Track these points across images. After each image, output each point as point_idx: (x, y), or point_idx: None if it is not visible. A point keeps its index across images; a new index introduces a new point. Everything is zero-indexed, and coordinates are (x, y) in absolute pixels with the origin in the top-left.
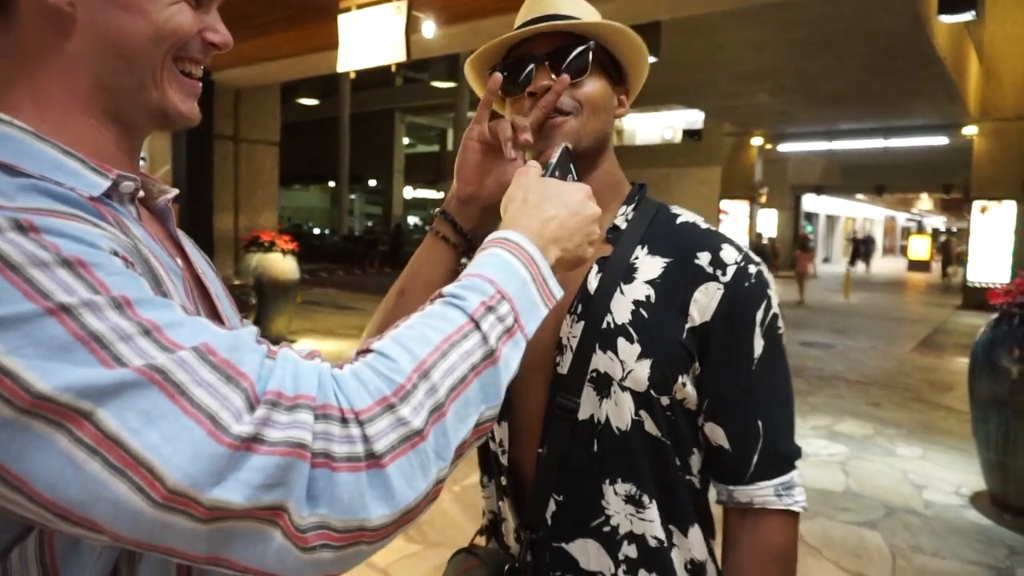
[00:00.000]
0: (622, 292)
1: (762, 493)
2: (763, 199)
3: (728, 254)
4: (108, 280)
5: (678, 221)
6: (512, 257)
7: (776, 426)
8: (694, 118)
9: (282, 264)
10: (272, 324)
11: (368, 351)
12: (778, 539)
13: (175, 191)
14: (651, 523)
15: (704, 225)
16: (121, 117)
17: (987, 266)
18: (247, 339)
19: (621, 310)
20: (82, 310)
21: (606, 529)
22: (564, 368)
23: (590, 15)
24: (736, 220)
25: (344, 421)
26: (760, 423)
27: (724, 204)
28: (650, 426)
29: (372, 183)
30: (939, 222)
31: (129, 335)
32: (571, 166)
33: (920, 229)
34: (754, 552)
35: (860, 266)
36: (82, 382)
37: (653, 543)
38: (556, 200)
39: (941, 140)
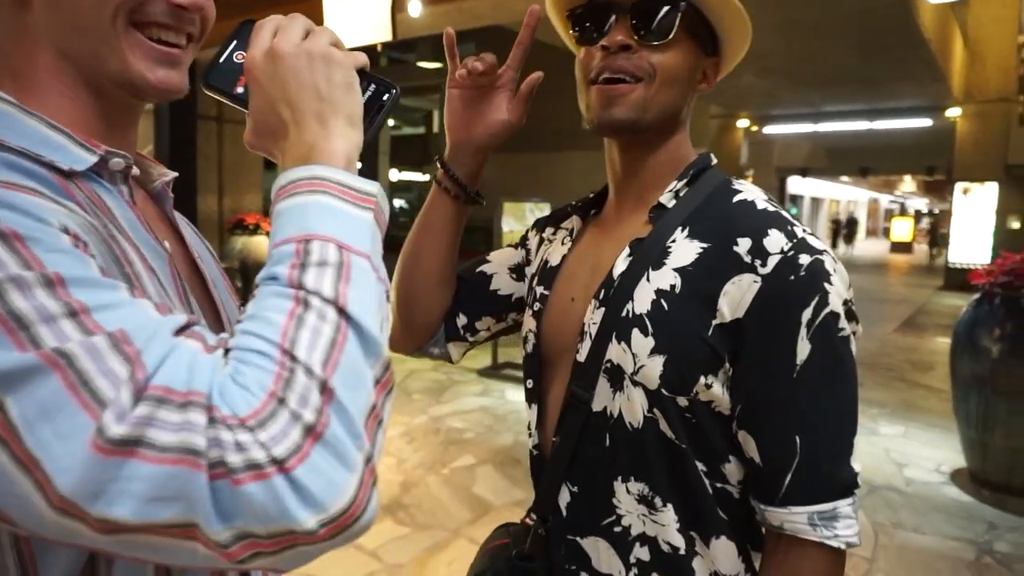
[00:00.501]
0: (648, 279)
1: (793, 519)
2: (749, 181)
3: (773, 241)
4: (44, 257)
5: (735, 200)
6: (292, 199)
7: (819, 444)
8: None
9: (267, 247)
10: None
11: (226, 350)
12: (806, 574)
13: (174, 174)
14: (665, 527)
15: (762, 204)
16: (92, 88)
17: (969, 247)
18: (166, 328)
19: (642, 299)
20: (7, 286)
21: (617, 529)
22: (582, 356)
23: None
24: None
25: (230, 427)
26: (798, 439)
27: None
28: (664, 426)
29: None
30: (922, 204)
31: (52, 316)
32: (245, 31)
33: (903, 211)
34: None
35: (843, 248)
36: None
37: (667, 548)
38: (292, 74)
39: (925, 122)
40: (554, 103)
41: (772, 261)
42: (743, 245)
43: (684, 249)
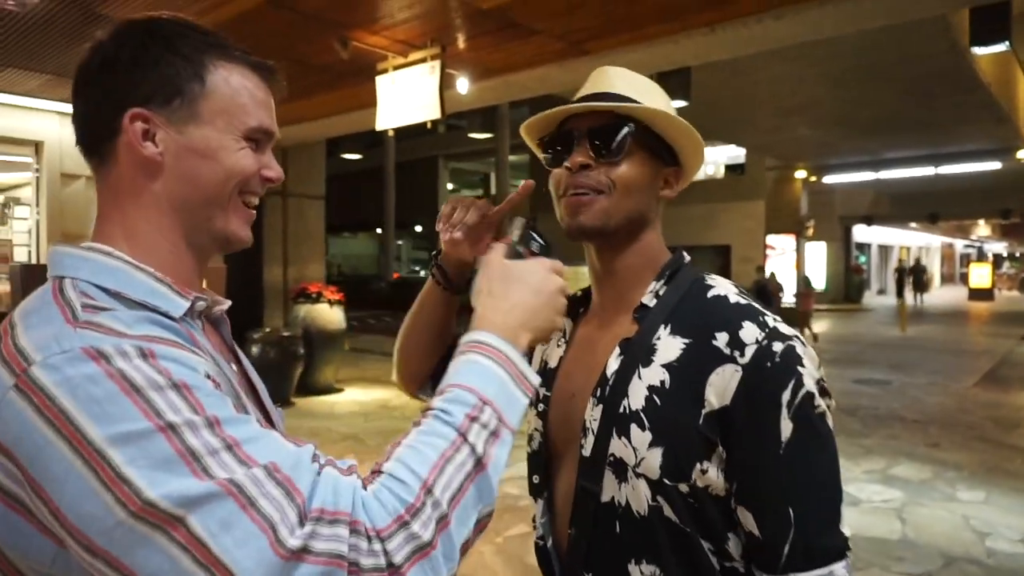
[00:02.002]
0: (639, 376)
1: None
2: (810, 232)
3: (748, 332)
4: (204, 401)
5: (709, 295)
6: (489, 361)
7: (810, 515)
8: (736, 152)
9: (329, 314)
10: (320, 373)
11: (380, 471)
12: None
13: (228, 302)
14: None
15: (734, 298)
16: (194, 244)
17: None
18: (305, 458)
19: (636, 395)
20: (184, 428)
21: None
22: (587, 451)
23: (648, 95)
24: (783, 254)
25: (369, 538)
26: (791, 511)
27: (770, 239)
28: (669, 512)
29: (418, 228)
30: (1000, 247)
31: (216, 450)
32: (534, 237)
33: (980, 256)
34: None
35: (910, 298)
36: (178, 491)
37: None
38: (517, 284)
39: (994, 165)
40: None
41: (749, 351)
42: (721, 339)
43: (669, 345)
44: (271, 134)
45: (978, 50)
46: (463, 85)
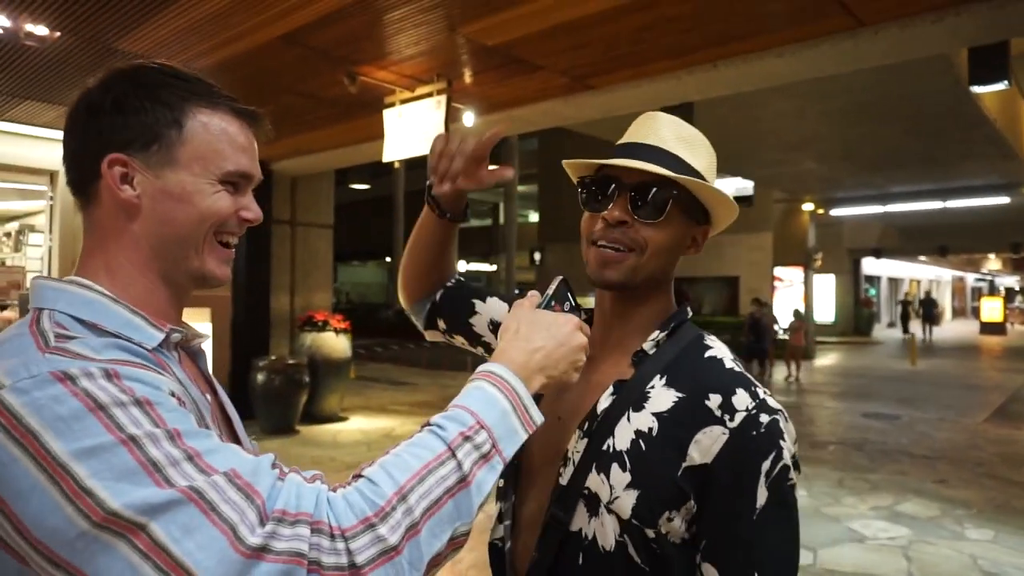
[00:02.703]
0: (628, 419)
1: None
2: (818, 264)
3: (740, 400)
4: (166, 416)
5: (706, 355)
6: (495, 390)
7: None
8: (744, 184)
9: (335, 342)
10: (325, 401)
11: (360, 476)
12: None
13: (207, 336)
14: None
15: (729, 364)
16: (171, 280)
17: None
18: (264, 465)
19: (623, 437)
20: (145, 440)
21: None
22: (564, 480)
23: (694, 150)
24: (790, 287)
25: (332, 536)
26: (756, 574)
27: (778, 271)
28: (632, 551)
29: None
30: (1012, 281)
31: (176, 460)
32: (568, 295)
33: (992, 290)
34: None
35: (919, 332)
36: (141, 500)
37: None
38: (545, 332)
39: (1002, 200)
40: None
41: (739, 417)
42: (714, 400)
43: (662, 396)
44: (250, 177)
45: (977, 89)
46: (469, 119)
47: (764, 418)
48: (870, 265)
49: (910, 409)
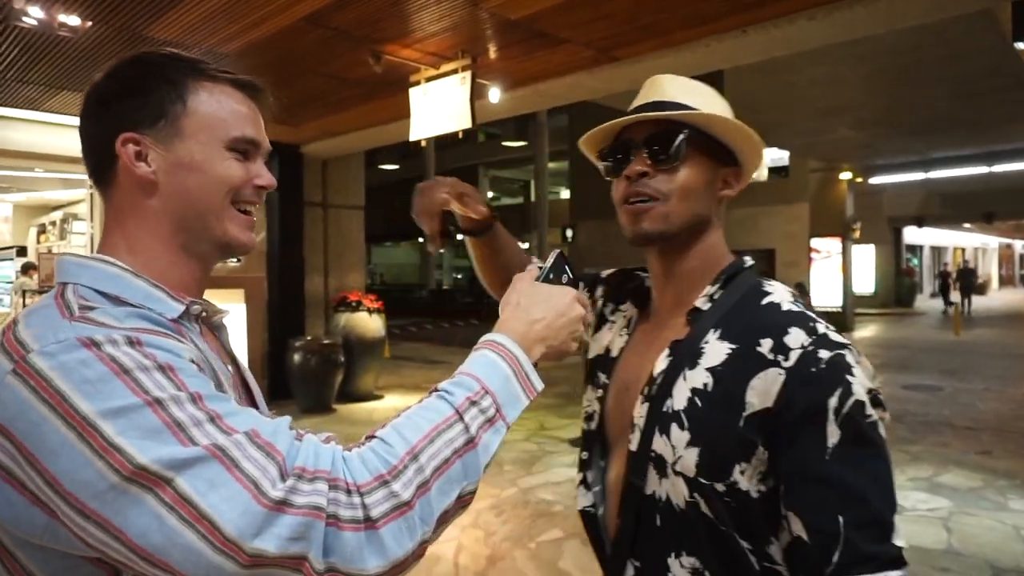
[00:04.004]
0: (684, 378)
1: None
2: (856, 234)
3: (794, 338)
4: (187, 381)
5: (763, 302)
6: (498, 357)
7: (860, 523)
8: (779, 155)
9: (368, 322)
10: (360, 380)
11: (373, 437)
12: None
13: (228, 311)
14: None
15: (787, 306)
16: (193, 251)
17: None
18: (283, 426)
19: (680, 396)
20: (169, 403)
21: None
22: (634, 446)
23: (703, 99)
24: (828, 258)
25: (349, 492)
26: (841, 518)
27: (814, 242)
28: (705, 509)
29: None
30: None
31: (200, 421)
32: (565, 268)
33: None
34: None
35: (960, 304)
36: (167, 456)
37: None
38: (544, 304)
39: None
40: None
41: (794, 356)
42: (765, 345)
43: (715, 350)
44: (258, 144)
45: (1021, 45)
46: (494, 95)
47: (824, 354)
48: (912, 234)
49: (953, 380)
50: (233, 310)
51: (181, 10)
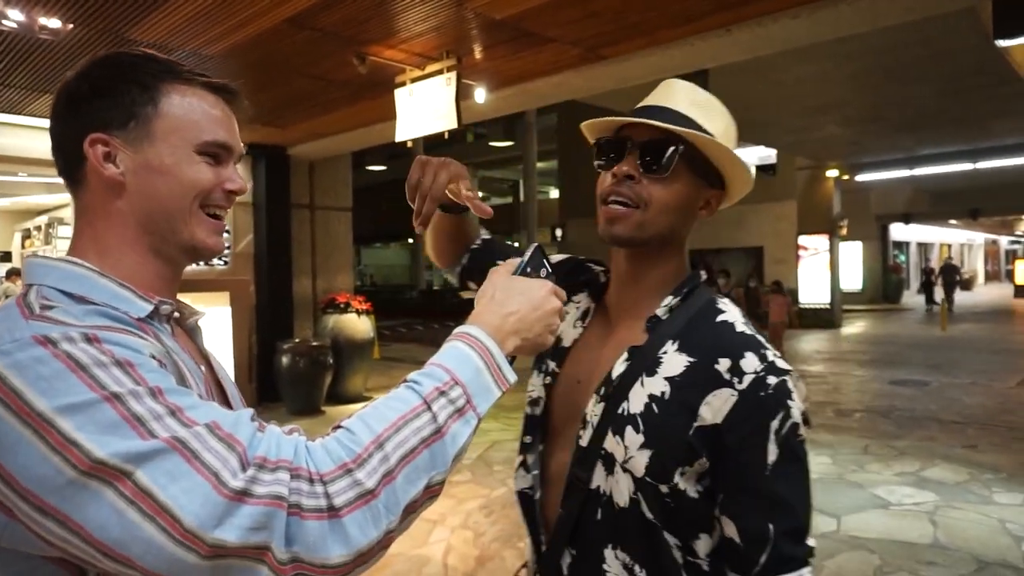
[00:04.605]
0: (642, 384)
1: None
2: (843, 231)
3: (749, 363)
4: (147, 376)
5: (718, 319)
6: (469, 349)
7: (786, 530)
8: (767, 152)
9: (357, 324)
10: (349, 382)
11: (339, 427)
12: None
13: (203, 313)
14: None
15: (740, 327)
16: (161, 253)
17: None
18: (244, 417)
19: (637, 400)
20: (128, 397)
21: None
22: (584, 441)
23: (710, 114)
24: (815, 255)
25: (311, 481)
26: (771, 526)
27: (802, 239)
28: (645, 508)
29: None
30: None
31: (160, 415)
32: (543, 262)
33: None
34: None
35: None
36: (125, 450)
37: None
38: (520, 297)
39: None
40: None
41: (747, 379)
42: (723, 364)
43: (674, 361)
44: (230, 148)
45: (1003, 43)
46: (480, 95)
47: (772, 380)
48: (899, 231)
49: (939, 375)
50: (218, 313)
51: (164, 13)
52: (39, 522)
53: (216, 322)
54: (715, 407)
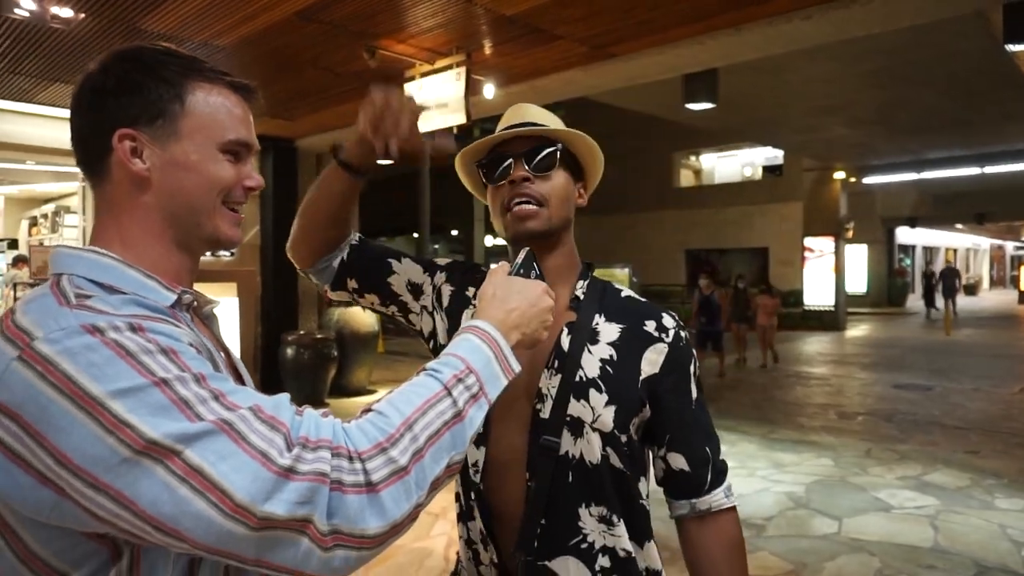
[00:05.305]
0: (590, 352)
1: (717, 498)
2: (849, 234)
3: (667, 321)
4: (189, 363)
5: (622, 295)
6: (480, 341)
7: (716, 447)
8: (774, 154)
9: (361, 317)
10: (353, 375)
11: (369, 410)
12: (734, 531)
13: (219, 302)
14: (619, 537)
15: (642, 299)
16: (184, 245)
17: None
18: (284, 401)
19: (591, 366)
20: (175, 382)
21: (583, 546)
22: (546, 413)
23: (556, 124)
24: (821, 257)
25: (351, 459)
26: (707, 448)
27: (808, 241)
28: (614, 459)
29: (454, 233)
30: None
31: (205, 399)
32: (534, 265)
33: None
34: (721, 544)
35: (943, 306)
36: (177, 431)
37: (622, 554)
38: (518, 295)
39: None
40: (634, 163)
41: (670, 334)
42: (650, 325)
43: (608, 330)
44: (249, 146)
45: (1013, 47)
46: (489, 90)
47: (683, 334)
48: (905, 234)
49: (943, 380)
50: (226, 303)
51: (175, 3)
52: (92, 499)
53: (223, 312)
54: (652, 360)
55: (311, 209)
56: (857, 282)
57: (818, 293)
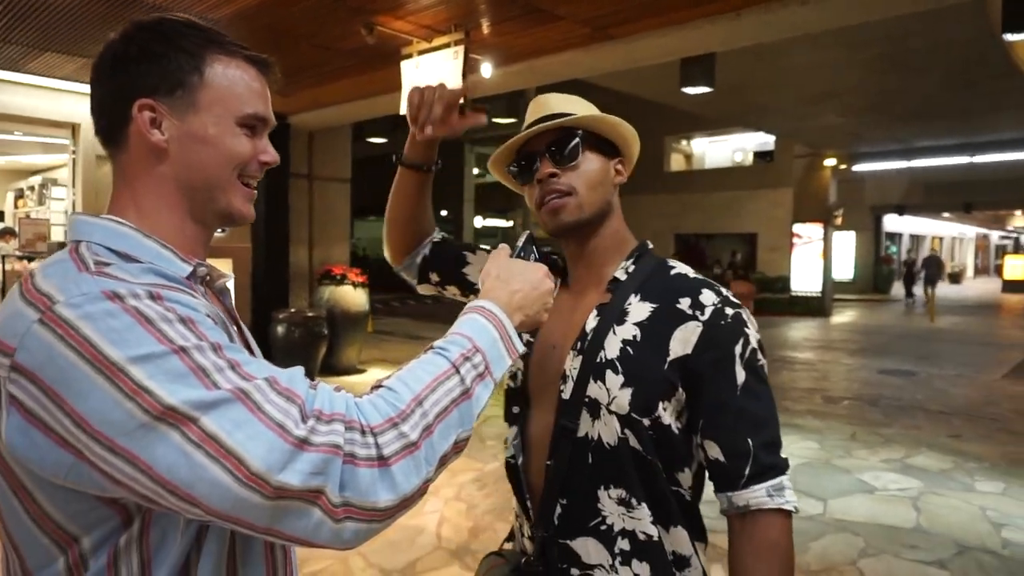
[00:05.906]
0: (614, 332)
1: (756, 495)
2: (838, 221)
3: (707, 298)
4: (207, 332)
5: (672, 272)
6: (486, 321)
7: (764, 442)
8: (765, 139)
9: (353, 296)
10: (343, 353)
11: (379, 387)
12: (773, 534)
13: (231, 276)
14: (640, 520)
15: (693, 275)
16: (198, 218)
17: None
18: (298, 374)
19: (612, 347)
20: (193, 351)
21: (603, 528)
22: (567, 395)
23: (581, 108)
24: (809, 243)
25: (363, 432)
26: (749, 440)
27: (797, 227)
28: (634, 442)
29: (444, 213)
30: None
31: (222, 368)
32: (534, 249)
33: (1016, 247)
34: (752, 546)
35: (924, 295)
36: (194, 398)
37: (643, 537)
38: (521, 277)
39: None
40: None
41: (708, 311)
42: (684, 303)
43: (639, 309)
44: (266, 121)
45: (1010, 36)
46: (487, 70)
47: (729, 311)
48: (892, 222)
49: (927, 366)
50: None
51: None
52: (110, 462)
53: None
54: (683, 339)
55: (392, 211)
56: (844, 269)
57: (805, 279)
